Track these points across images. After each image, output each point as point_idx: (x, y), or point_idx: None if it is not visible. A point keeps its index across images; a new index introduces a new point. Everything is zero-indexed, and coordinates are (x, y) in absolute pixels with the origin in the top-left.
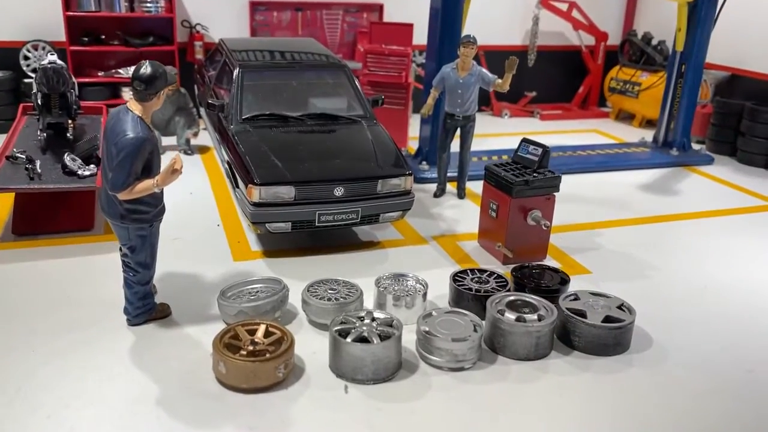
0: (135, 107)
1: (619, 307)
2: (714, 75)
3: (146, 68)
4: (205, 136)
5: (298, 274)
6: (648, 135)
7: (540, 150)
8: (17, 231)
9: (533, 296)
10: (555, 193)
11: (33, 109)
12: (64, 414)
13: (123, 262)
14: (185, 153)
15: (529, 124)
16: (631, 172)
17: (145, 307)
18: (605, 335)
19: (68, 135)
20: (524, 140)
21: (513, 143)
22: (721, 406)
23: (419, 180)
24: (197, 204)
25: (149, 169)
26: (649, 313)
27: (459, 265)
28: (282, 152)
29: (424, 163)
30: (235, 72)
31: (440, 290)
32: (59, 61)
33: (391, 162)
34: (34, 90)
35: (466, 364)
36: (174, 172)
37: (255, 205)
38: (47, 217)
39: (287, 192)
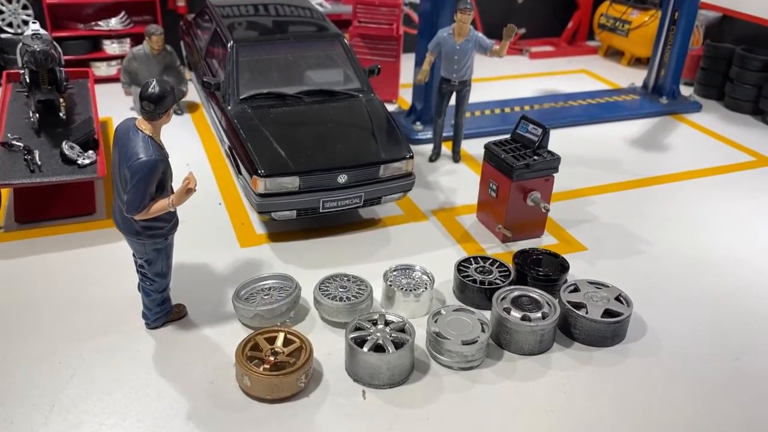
0: (144, 126)
1: (617, 298)
2: (705, 16)
3: (154, 88)
4: (193, 92)
5: (305, 262)
6: (637, 74)
7: (540, 130)
8: (20, 219)
9: (536, 290)
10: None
11: (18, 80)
12: None
13: (139, 272)
14: (175, 113)
15: (519, 64)
16: (620, 123)
17: (163, 311)
18: (604, 329)
19: (61, 114)
20: (523, 118)
21: (504, 89)
22: (709, 398)
23: (413, 141)
24: (195, 177)
25: (163, 186)
26: (644, 295)
27: (460, 245)
28: (284, 139)
29: (417, 123)
30: (230, 48)
31: (444, 275)
32: (42, 31)
33: (392, 145)
34: (22, 70)
35: (474, 363)
36: (188, 191)
37: (260, 195)
38: (49, 204)
39: (292, 182)
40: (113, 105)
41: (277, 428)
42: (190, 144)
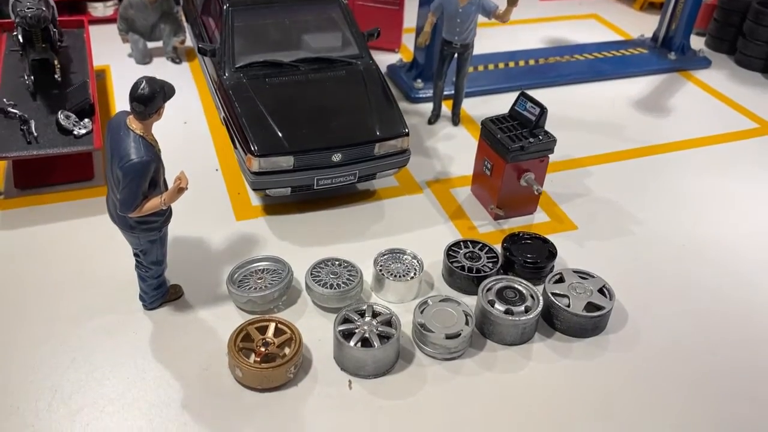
0: (135, 126)
1: (601, 290)
2: None
3: (144, 89)
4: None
5: (299, 239)
6: (649, 21)
7: (537, 109)
8: (20, 185)
9: (522, 282)
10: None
11: (11, 29)
12: (99, 420)
13: (136, 260)
14: (173, 61)
15: (528, 6)
16: (625, 80)
17: (159, 293)
18: (585, 322)
19: (56, 76)
20: (522, 95)
21: (510, 37)
22: (681, 396)
23: (413, 100)
24: (192, 137)
25: (155, 183)
26: (628, 282)
27: (452, 222)
28: (279, 114)
29: (418, 80)
30: (225, 11)
31: (435, 255)
32: None
33: (388, 121)
34: (16, 31)
35: (457, 353)
36: (179, 191)
37: (255, 174)
38: (48, 170)
39: (286, 161)
40: (111, 51)
41: (266, 418)
42: (187, 99)
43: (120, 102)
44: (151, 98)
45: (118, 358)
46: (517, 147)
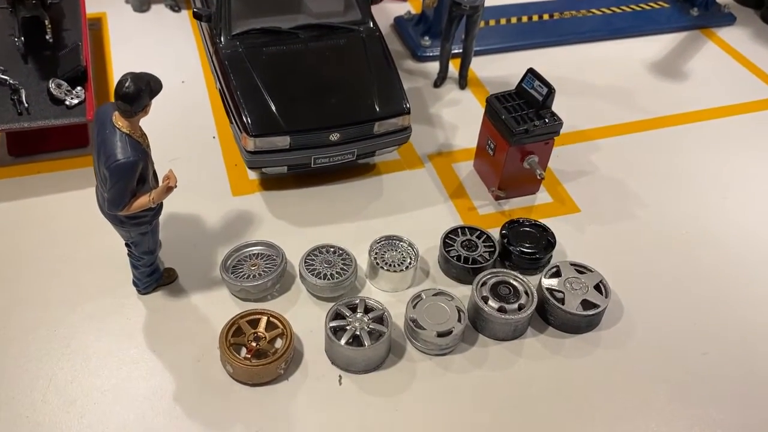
0: (121, 123)
1: (597, 286)
2: None
3: (128, 87)
4: None
5: (296, 218)
6: None
7: (545, 89)
8: (13, 152)
9: (518, 277)
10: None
11: None
12: (93, 412)
13: (128, 251)
14: (172, 9)
15: None
16: (643, 38)
17: (153, 279)
18: (579, 320)
19: (47, 37)
20: (530, 72)
21: None
22: (668, 397)
23: (420, 58)
24: (190, 99)
25: (143, 180)
26: (625, 273)
27: (452, 201)
28: (276, 90)
29: (426, 37)
30: None
31: (432, 239)
32: None
33: (389, 98)
34: None
35: (449, 350)
36: (168, 189)
37: (250, 153)
38: (42, 138)
39: (282, 141)
40: None
41: (256, 413)
42: (186, 55)
43: (116, 55)
44: (136, 97)
45: (112, 347)
46: (521, 130)
